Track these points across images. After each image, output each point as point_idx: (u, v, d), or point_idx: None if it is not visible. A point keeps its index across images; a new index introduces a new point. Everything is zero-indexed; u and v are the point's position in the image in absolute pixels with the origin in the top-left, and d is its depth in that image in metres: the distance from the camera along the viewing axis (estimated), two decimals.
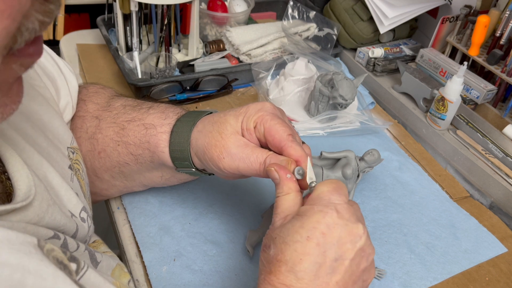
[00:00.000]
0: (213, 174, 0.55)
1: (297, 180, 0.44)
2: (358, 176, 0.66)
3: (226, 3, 1.01)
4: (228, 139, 0.46)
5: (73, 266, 0.32)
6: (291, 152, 0.45)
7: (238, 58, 0.94)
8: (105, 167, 0.56)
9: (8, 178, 0.35)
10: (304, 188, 0.45)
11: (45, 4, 0.26)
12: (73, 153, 0.49)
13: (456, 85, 0.77)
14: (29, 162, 0.38)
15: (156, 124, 0.52)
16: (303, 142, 0.50)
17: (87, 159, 0.56)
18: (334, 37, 0.99)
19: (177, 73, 0.90)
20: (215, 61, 0.92)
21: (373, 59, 0.96)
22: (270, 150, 0.47)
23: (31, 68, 0.29)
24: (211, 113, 0.53)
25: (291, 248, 0.38)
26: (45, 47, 0.48)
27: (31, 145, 0.40)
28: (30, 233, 0.33)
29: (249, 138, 0.47)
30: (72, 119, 0.57)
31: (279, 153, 0.46)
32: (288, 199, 0.42)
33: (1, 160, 0.36)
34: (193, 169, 0.52)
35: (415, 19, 1.02)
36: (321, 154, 0.66)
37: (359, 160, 0.66)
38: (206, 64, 0.90)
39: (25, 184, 0.34)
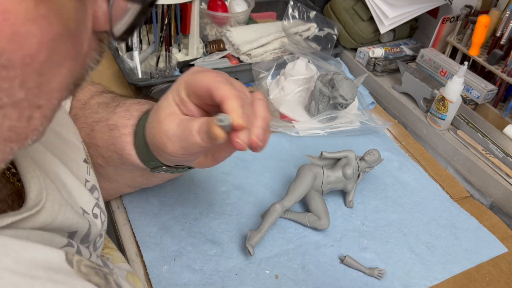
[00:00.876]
0: (189, 169, 0.52)
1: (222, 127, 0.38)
2: (358, 176, 0.66)
3: (226, 3, 1.01)
4: (164, 122, 0.43)
5: (105, 270, 0.32)
6: (216, 93, 0.40)
7: (238, 58, 0.94)
8: None
9: (19, 180, 0.35)
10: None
11: (100, 45, 0.28)
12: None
13: (457, 85, 0.77)
14: (41, 161, 0.38)
15: (119, 124, 0.49)
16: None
17: None
18: (335, 37, 0.99)
19: (177, 73, 0.90)
20: (215, 61, 0.92)
21: (373, 59, 0.96)
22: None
23: None
24: None
25: None
26: None
27: (43, 144, 0.40)
28: (47, 242, 0.32)
29: (187, 111, 0.44)
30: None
31: (216, 104, 0.42)
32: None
33: (13, 162, 0.36)
34: (164, 167, 0.49)
35: (416, 19, 1.02)
36: (321, 154, 0.66)
37: (360, 160, 0.66)
38: (206, 64, 0.90)
39: (36, 187, 0.34)
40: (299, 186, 0.62)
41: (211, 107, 0.44)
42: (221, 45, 0.96)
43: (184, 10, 0.91)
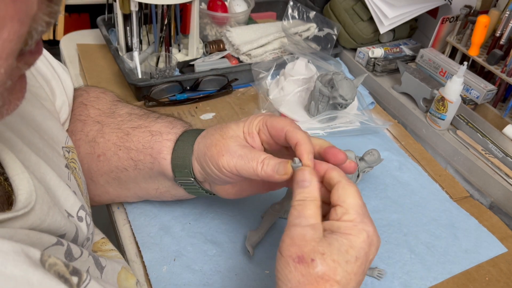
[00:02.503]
0: (211, 194, 0.56)
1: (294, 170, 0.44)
2: (358, 176, 0.66)
3: (226, 3, 1.01)
4: (228, 139, 0.47)
5: (74, 279, 0.32)
6: (293, 135, 0.45)
7: (238, 58, 0.94)
8: (102, 171, 0.56)
9: (7, 180, 0.35)
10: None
11: (50, 6, 0.26)
12: (68, 152, 0.49)
13: (456, 85, 0.77)
14: (27, 163, 0.38)
15: (163, 131, 0.53)
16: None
17: (85, 162, 0.56)
18: (334, 37, 0.99)
19: (177, 73, 0.90)
20: (215, 61, 0.92)
21: (373, 59, 0.96)
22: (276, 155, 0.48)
23: (33, 65, 0.29)
24: None
25: (343, 269, 0.38)
26: None
27: (28, 146, 0.40)
28: (34, 240, 0.32)
29: (252, 142, 0.49)
30: (73, 121, 0.57)
31: (285, 145, 0.47)
32: (316, 205, 0.42)
33: (1, 163, 0.36)
34: (192, 179, 0.52)
35: (415, 19, 1.02)
36: None
37: (359, 160, 0.66)
38: (206, 64, 0.90)
39: (26, 189, 0.34)
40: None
41: (274, 146, 0.49)
42: (221, 45, 0.96)
43: (184, 10, 0.91)
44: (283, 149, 0.50)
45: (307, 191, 0.42)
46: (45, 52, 0.54)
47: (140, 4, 0.85)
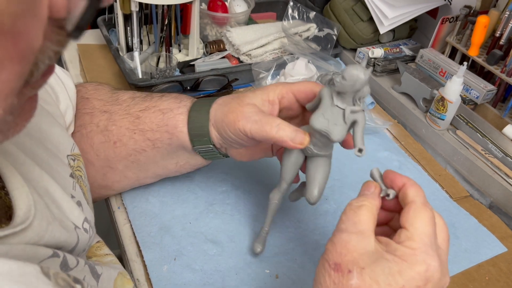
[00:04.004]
0: (227, 156, 0.58)
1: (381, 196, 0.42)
2: (351, 123, 0.48)
3: (226, 3, 1.01)
4: (245, 106, 0.49)
5: (78, 286, 0.32)
6: (318, 85, 0.50)
7: (238, 58, 0.95)
8: (121, 156, 0.57)
9: (7, 194, 0.35)
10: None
11: (59, 33, 0.24)
12: (74, 160, 0.49)
13: (456, 85, 0.77)
14: (30, 176, 0.38)
15: (173, 107, 0.54)
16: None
17: (101, 150, 0.56)
18: (334, 37, 0.99)
19: (177, 73, 0.90)
20: (215, 61, 0.92)
21: (373, 59, 0.96)
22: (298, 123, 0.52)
23: (42, 87, 0.28)
24: None
25: None
26: None
27: (31, 158, 0.40)
28: (29, 255, 0.32)
29: (270, 110, 0.51)
30: (79, 116, 0.57)
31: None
32: (372, 212, 0.40)
33: (1, 176, 0.35)
34: (211, 146, 0.54)
35: (415, 20, 1.02)
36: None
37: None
38: (207, 64, 0.90)
39: (25, 204, 0.33)
40: (284, 163, 0.54)
41: (293, 112, 0.53)
42: (221, 46, 0.96)
43: (184, 11, 0.91)
44: (299, 116, 0.54)
45: (363, 198, 0.40)
46: None
47: (140, 4, 0.85)
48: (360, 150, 0.44)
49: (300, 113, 0.54)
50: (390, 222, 0.45)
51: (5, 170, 0.35)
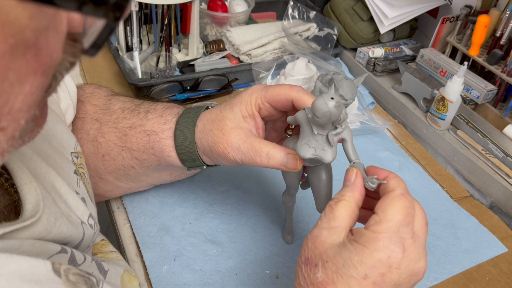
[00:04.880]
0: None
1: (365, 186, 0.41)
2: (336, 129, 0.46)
3: (226, 3, 1.01)
4: (229, 134, 0.48)
5: (93, 280, 0.32)
6: (301, 102, 0.45)
7: (238, 58, 0.94)
8: (110, 169, 0.56)
9: (17, 191, 0.35)
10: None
11: (74, 46, 0.25)
12: (77, 157, 0.49)
13: (456, 85, 0.77)
14: (37, 172, 0.38)
15: (157, 130, 0.53)
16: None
17: (90, 161, 0.56)
18: (334, 37, 0.99)
19: (177, 73, 0.90)
20: (215, 61, 0.92)
21: (373, 59, 0.96)
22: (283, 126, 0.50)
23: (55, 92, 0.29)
24: (207, 107, 0.54)
25: (345, 282, 0.35)
26: None
27: (38, 154, 0.40)
28: (39, 250, 0.32)
29: (253, 124, 0.49)
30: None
31: (294, 109, 0.47)
32: (349, 207, 0.39)
33: (9, 172, 0.35)
34: (204, 166, 0.53)
35: (415, 19, 1.02)
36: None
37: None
38: (206, 64, 0.90)
39: (34, 199, 0.34)
40: (285, 175, 0.55)
41: (277, 116, 0.50)
42: (221, 45, 0.96)
43: (184, 10, 0.91)
44: (285, 114, 0.51)
45: (343, 192, 0.40)
46: None
47: (140, 4, 0.85)
48: (355, 163, 0.44)
49: (284, 113, 0.51)
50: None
51: (14, 165, 0.35)
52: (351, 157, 0.44)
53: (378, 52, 0.96)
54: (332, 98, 0.39)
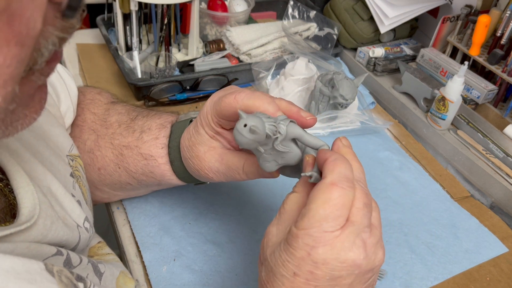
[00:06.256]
0: None
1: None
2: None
3: (226, 2, 1.01)
4: (205, 159, 0.47)
5: (80, 285, 0.32)
6: (245, 105, 0.41)
7: (238, 58, 0.94)
8: (106, 182, 0.56)
9: (12, 192, 0.35)
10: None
11: (64, 20, 0.24)
12: (72, 160, 0.49)
13: (457, 85, 0.77)
14: (33, 174, 0.38)
15: (155, 155, 0.52)
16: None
17: (86, 172, 0.55)
18: (335, 36, 0.99)
19: (177, 72, 0.90)
20: (215, 61, 0.92)
21: (373, 59, 0.96)
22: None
23: (51, 74, 0.27)
24: (191, 121, 0.52)
25: (279, 281, 0.35)
26: None
27: (34, 155, 0.40)
28: (34, 253, 0.32)
29: (222, 139, 0.47)
30: (71, 126, 0.57)
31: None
32: (299, 199, 0.37)
33: (6, 174, 0.35)
34: (208, 182, 0.54)
35: (416, 19, 1.02)
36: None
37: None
38: (206, 63, 0.90)
39: (30, 203, 0.34)
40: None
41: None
42: (221, 45, 0.95)
43: (184, 10, 0.90)
44: None
45: (297, 184, 0.38)
46: None
47: (139, 3, 0.84)
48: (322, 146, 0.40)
49: None
50: None
51: (11, 168, 0.35)
52: (316, 143, 0.40)
53: (378, 52, 0.96)
54: (245, 125, 0.36)
